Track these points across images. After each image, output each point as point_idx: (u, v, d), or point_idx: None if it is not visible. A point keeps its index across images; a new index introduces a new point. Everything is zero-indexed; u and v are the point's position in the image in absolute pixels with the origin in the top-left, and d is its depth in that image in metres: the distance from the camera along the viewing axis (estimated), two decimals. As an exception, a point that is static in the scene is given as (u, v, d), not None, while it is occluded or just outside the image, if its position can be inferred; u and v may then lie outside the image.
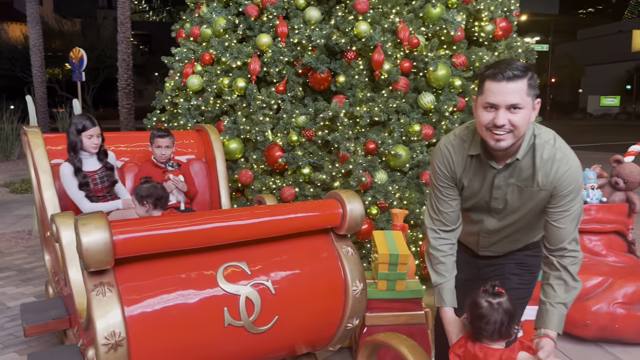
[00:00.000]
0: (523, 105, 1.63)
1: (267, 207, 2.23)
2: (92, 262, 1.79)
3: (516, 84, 1.62)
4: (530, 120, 1.68)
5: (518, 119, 1.64)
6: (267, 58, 4.25)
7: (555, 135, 1.80)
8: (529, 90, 1.64)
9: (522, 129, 1.67)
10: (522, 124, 1.65)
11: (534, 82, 1.66)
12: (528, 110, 1.65)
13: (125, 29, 15.03)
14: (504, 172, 1.80)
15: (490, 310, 1.66)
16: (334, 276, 2.28)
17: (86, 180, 3.18)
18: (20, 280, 4.24)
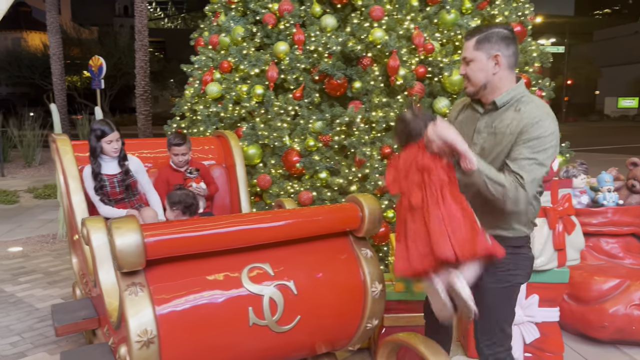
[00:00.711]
0: (471, 58, 1.99)
1: (289, 210, 2.32)
2: (125, 263, 1.89)
3: (468, 42, 2.00)
4: (486, 71, 1.97)
5: (469, 69, 2.01)
6: (284, 65, 4.35)
7: (544, 106, 1.98)
8: (478, 45, 1.97)
9: (476, 78, 2.00)
10: (473, 74, 2.00)
11: (484, 38, 1.97)
12: (479, 62, 1.98)
13: (143, 36, 15.30)
14: (486, 117, 2.06)
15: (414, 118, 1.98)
16: (354, 277, 2.36)
17: (101, 184, 3.28)
18: (47, 283, 4.38)
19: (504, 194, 1.87)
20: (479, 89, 2.01)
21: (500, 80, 1.98)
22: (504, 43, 1.96)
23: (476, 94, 2.04)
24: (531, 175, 1.88)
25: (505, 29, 2.00)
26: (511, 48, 1.98)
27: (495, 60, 1.96)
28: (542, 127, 1.90)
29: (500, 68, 1.97)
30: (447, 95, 4.27)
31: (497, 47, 1.95)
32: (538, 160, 1.89)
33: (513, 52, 1.99)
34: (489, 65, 1.96)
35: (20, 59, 32.08)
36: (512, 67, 2.01)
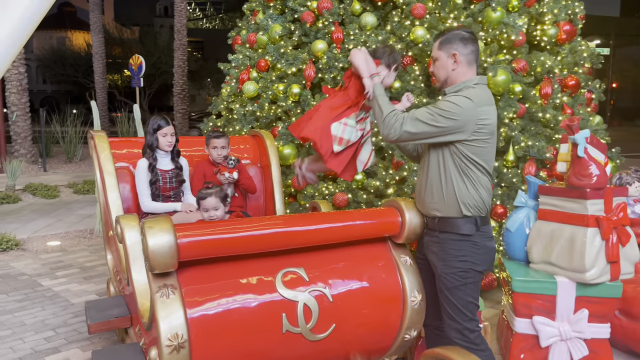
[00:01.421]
0: (435, 57, 2.27)
1: (325, 214, 2.23)
2: (157, 264, 1.83)
3: (435, 43, 2.29)
4: (446, 68, 2.23)
5: (434, 67, 2.30)
6: (322, 64, 4.27)
7: (475, 95, 2.13)
8: (440, 45, 2.25)
9: (439, 75, 2.28)
10: (436, 71, 2.29)
11: (445, 40, 2.23)
12: (440, 60, 2.25)
13: (181, 36, 15.53)
14: None
15: None
16: (392, 286, 2.25)
17: (157, 178, 3.34)
18: (82, 278, 4.42)
19: (381, 119, 2.19)
20: (442, 84, 2.29)
21: (458, 75, 2.23)
22: (462, 43, 2.20)
23: (440, 88, 2.32)
24: (417, 120, 2.13)
25: (465, 31, 2.25)
26: (469, 47, 2.21)
27: (454, 59, 2.20)
28: (454, 99, 2.12)
29: (458, 65, 2.21)
30: (490, 97, 4.10)
31: (456, 46, 2.20)
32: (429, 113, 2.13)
33: (471, 51, 2.22)
34: (448, 62, 2.22)
35: (64, 58, 33.12)
36: (472, 64, 2.24)
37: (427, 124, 2.10)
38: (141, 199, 3.35)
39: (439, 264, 2.20)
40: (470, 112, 2.08)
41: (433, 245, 2.24)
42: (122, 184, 3.41)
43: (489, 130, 2.14)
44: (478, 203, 2.18)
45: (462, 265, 2.16)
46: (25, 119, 11.74)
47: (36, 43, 38.49)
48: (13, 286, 4.19)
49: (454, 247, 2.18)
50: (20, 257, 5.04)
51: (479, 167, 2.18)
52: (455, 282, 2.17)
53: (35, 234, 5.93)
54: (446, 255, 2.18)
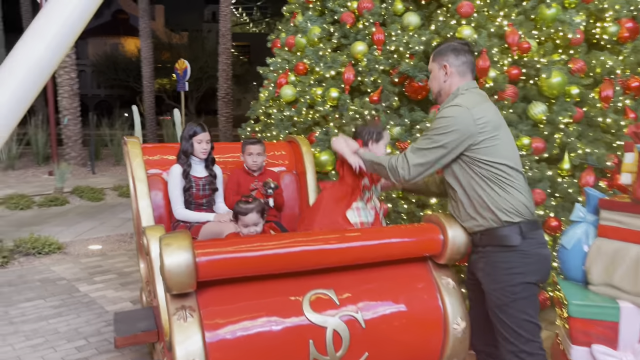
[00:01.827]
0: (429, 69, 2.30)
1: (358, 230, 2.05)
2: (174, 285, 1.70)
3: (431, 57, 2.29)
4: (438, 79, 2.22)
5: (429, 81, 2.32)
6: (361, 67, 4.08)
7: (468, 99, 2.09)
8: (433, 57, 2.26)
9: (432, 86, 2.29)
10: (430, 83, 2.31)
11: (437, 52, 2.24)
12: (433, 73, 2.26)
13: (226, 40, 15.69)
14: None
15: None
16: (432, 311, 2.04)
17: (190, 184, 3.26)
18: (119, 284, 4.41)
19: (388, 169, 2.15)
20: (436, 96, 2.27)
21: (450, 87, 2.19)
22: (454, 54, 2.17)
23: (436, 100, 2.30)
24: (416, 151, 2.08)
25: (459, 42, 2.21)
26: (461, 58, 2.17)
27: (445, 70, 2.18)
28: (444, 112, 2.07)
29: (449, 76, 2.18)
30: (544, 100, 3.80)
31: (447, 57, 2.18)
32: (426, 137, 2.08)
33: (463, 62, 2.16)
34: (440, 74, 2.20)
35: (116, 63, 34.34)
36: (465, 75, 2.18)
37: (430, 149, 2.04)
38: (174, 206, 3.27)
39: (486, 280, 2.02)
40: (465, 117, 2.02)
41: (479, 262, 2.05)
42: (154, 191, 3.34)
43: (491, 127, 2.04)
44: (515, 206, 1.99)
45: (510, 278, 1.96)
46: (76, 122, 12.12)
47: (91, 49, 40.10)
48: (51, 291, 4.22)
49: (499, 259, 1.98)
50: (61, 260, 5.10)
51: (499, 167, 2.02)
52: (504, 299, 1.95)
53: (78, 237, 6.01)
54: (492, 269, 2.00)
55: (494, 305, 1.99)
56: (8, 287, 4.30)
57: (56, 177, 8.55)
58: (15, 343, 3.27)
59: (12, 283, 4.39)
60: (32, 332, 3.44)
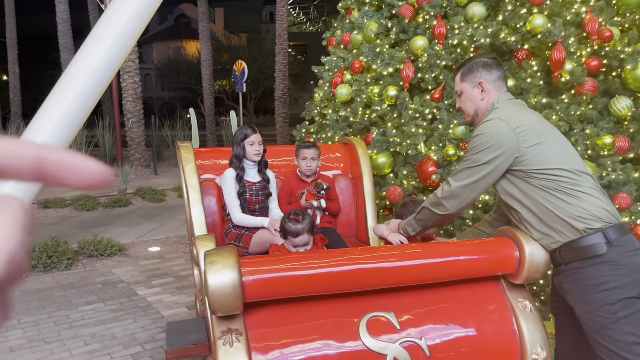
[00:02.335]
0: (460, 91, 2.12)
1: (421, 246, 1.84)
2: (220, 307, 1.57)
3: (456, 77, 2.16)
4: (474, 100, 2.06)
5: (461, 102, 2.13)
6: (422, 63, 3.84)
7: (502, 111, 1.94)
8: (462, 77, 2.09)
9: (467, 109, 2.10)
10: (464, 106, 2.11)
11: (467, 70, 2.07)
12: (467, 93, 2.08)
13: (283, 40, 15.73)
14: None
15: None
16: (507, 337, 1.80)
17: (244, 189, 3.16)
18: (176, 288, 4.40)
19: (430, 206, 2.02)
20: (472, 118, 2.10)
21: (487, 104, 2.04)
22: (486, 70, 2.04)
23: (473, 122, 2.12)
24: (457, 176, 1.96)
25: (487, 57, 2.08)
26: (494, 73, 2.04)
27: (481, 87, 2.04)
28: (480, 130, 1.93)
29: (487, 93, 2.03)
30: (629, 94, 3.41)
31: (480, 74, 2.04)
32: (465, 160, 1.95)
33: (497, 77, 2.04)
34: (475, 93, 2.06)
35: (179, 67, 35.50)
36: (501, 89, 2.05)
37: (472, 168, 1.91)
38: (231, 211, 3.17)
39: (577, 303, 1.75)
40: (503, 130, 1.87)
41: (566, 283, 1.79)
42: (207, 197, 3.27)
43: (534, 134, 1.86)
44: (591, 211, 1.74)
45: (605, 296, 1.67)
46: (140, 125, 12.53)
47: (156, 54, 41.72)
48: (111, 294, 4.27)
49: (589, 276, 1.71)
50: (122, 263, 5.18)
51: (558, 173, 1.80)
52: (602, 321, 1.67)
53: (139, 239, 6.12)
54: (582, 289, 1.72)
55: (592, 330, 1.71)
56: (71, 289, 4.40)
57: (120, 178, 8.82)
58: (74, 349, 3.30)
59: (74, 286, 4.49)
60: (91, 337, 3.47)
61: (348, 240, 3.34)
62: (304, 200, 3.18)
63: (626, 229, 1.77)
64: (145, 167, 12.55)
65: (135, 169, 12.05)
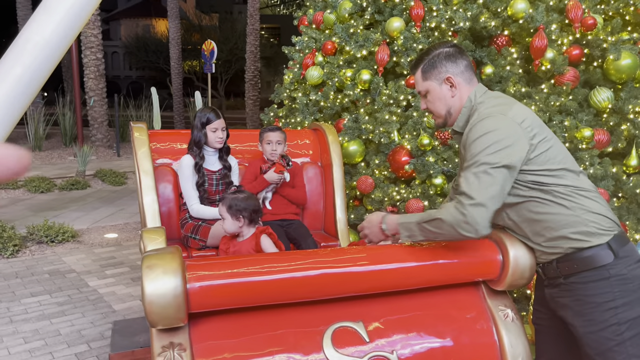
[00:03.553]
0: (424, 90, 1.83)
1: (395, 248, 1.64)
2: (158, 319, 1.34)
3: (415, 75, 1.84)
4: (443, 98, 1.78)
5: (428, 102, 1.84)
6: (397, 46, 3.62)
7: (495, 105, 1.69)
8: (424, 75, 1.80)
9: (436, 109, 1.82)
10: (433, 106, 1.82)
11: (429, 66, 1.78)
12: (434, 92, 1.79)
13: (254, 21, 15.29)
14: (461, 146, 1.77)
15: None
16: (486, 350, 1.63)
17: (204, 179, 2.90)
18: (131, 279, 4.12)
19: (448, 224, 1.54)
20: (445, 118, 1.83)
21: (461, 100, 1.79)
22: (450, 61, 1.78)
23: (446, 123, 1.84)
24: (475, 185, 1.54)
25: (447, 46, 1.80)
26: (460, 63, 1.79)
27: (449, 83, 1.78)
28: (481, 129, 1.61)
29: (458, 89, 1.78)
30: (609, 85, 3.29)
31: (445, 68, 1.78)
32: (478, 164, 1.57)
33: (465, 66, 1.79)
34: (443, 91, 1.79)
35: (147, 45, 34.39)
36: (471, 80, 1.80)
37: (495, 169, 1.54)
38: (189, 202, 2.91)
39: (578, 322, 1.56)
40: (510, 125, 1.60)
41: (562, 298, 1.60)
42: (162, 184, 3.00)
43: (537, 128, 1.63)
44: (596, 220, 1.56)
45: (611, 315, 1.51)
46: (102, 104, 11.97)
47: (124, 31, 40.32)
48: (59, 285, 3.96)
49: (593, 293, 1.53)
50: (74, 250, 4.85)
51: (560, 175, 1.59)
52: (607, 343, 1.51)
53: (95, 225, 5.78)
54: (584, 308, 1.54)
55: (594, 352, 1.53)
56: (15, 279, 4.06)
57: (78, 159, 8.38)
58: (12, 346, 3.00)
59: (19, 275, 4.16)
60: (32, 333, 3.17)
61: (315, 232, 3.14)
62: (272, 172, 2.93)
63: (626, 237, 1.60)
64: (108, 148, 12.04)
65: (96, 149, 11.54)
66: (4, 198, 6.95)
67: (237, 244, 2.33)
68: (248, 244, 2.30)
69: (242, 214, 2.27)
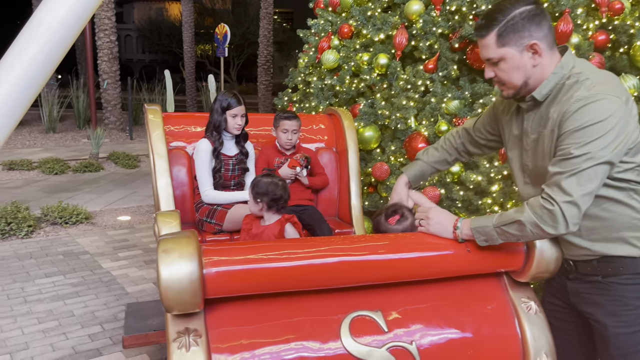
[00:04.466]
0: (497, 57, 1.54)
1: (413, 235, 1.59)
2: (174, 304, 1.31)
3: (485, 39, 1.55)
4: (523, 67, 1.52)
5: (499, 71, 1.57)
6: (416, 29, 3.54)
7: (603, 82, 1.43)
8: (501, 40, 1.51)
9: (511, 79, 1.56)
10: (507, 76, 1.56)
11: (508, 29, 1.49)
12: (512, 61, 1.52)
13: (268, 4, 15.16)
14: (532, 115, 1.60)
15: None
16: (508, 342, 1.58)
17: (220, 165, 2.88)
18: (144, 262, 4.13)
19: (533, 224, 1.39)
20: (519, 89, 1.57)
21: (542, 70, 1.53)
22: (535, 24, 1.48)
23: (517, 94, 1.59)
24: (573, 180, 1.36)
25: (527, 4, 1.49)
26: (544, 26, 1.50)
27: (533, 50, 1.50)
28: (592, 113, 1.38)
29: (542, 56, 1.51)
30: (635, 72, 3.18)
31: (529, 33, 1.49)
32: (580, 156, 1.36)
33: (548, 29, 1.51)
34: (524, 59, 1.52)
35: (160, 28, 34.37)
36: (552, 46, 1.53)
37: (597, 166, 1.35)
38: (202, 187, 2.88)
39: (610, 321, 1.49)
40: (620, 111, 1.38)
41: (593, 295, 1.53)
42: (176, 167, 2.98)
43: (633, 110, 1.45)
44: None
45: None
46: (115, 87, 11.98)
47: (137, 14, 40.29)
48: (73, 266, 3.98)
49: (632, 295, 1.47)
50: (88, 232, 4.87)
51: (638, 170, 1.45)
52: (636, 346, 1.47)
53: (108, 207, 5.80)
54: (621, 309, 1.48)
55: (619, 353, 1.48)
56: (29, 259, 4.09)
57: (91, 142, 8.40)
58: (26, 326, 3.02)
59: (33, 255, 4.18)
60: (46, 313, 3.19)
61: (329, 218, 3.10)
62: (286, 167, 2.91)
63: None
64: (121, 131, 12.07)
65: (110, 132, 11.58)
66: (18, 179, 7.00)
67: (260, 227, 2.33)
68: (272, 229, 2.30)
69: (260, 198, 2.28)
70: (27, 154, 8.65)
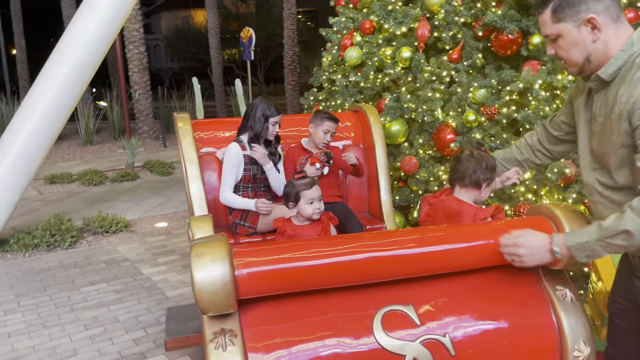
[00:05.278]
0: (554, 34, 1.51)
1: (443, 228, 1.59)
2: (209, 306, 1.35)
3: (542, 15, 1.53)
4: (582, 43, 1.46)
5: (558, 48, 1.53)
6: (438, 20, 3.51)
7: None
8: (556, 15, 1.48)
9: (571, 56, 1.50)
10: (566, 54, 1.51)
11: (564, 4, 1.45)
12: (570, 37, 1.48)
13: (291, 5, 15.22)
14: (601, 96, 1.50)
15: (467, 157, 2.02)
16: (544, 332, 1.56)
17: (258, 171, 2.94)
18: (182, 266, 4.23)
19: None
20: (582, 66, 1.51)
21: (606, 45, 1.45)
22: None
23: (582, 72, 1.53)
24: None
25: None
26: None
27: (591, 25, 1.44)
28: None
29: (602, 31, 1.44)
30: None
31: (586, 6, 1.43)
32: None
33: (610, 1, 1.43)
34: (583, 34, 1.46)
35: (187, 36, 34.97)
36: (617, 19, 1.44)
37: None
38: (222, 187, 2.94)
39: None
40: None
41: None
42: (207, 172, 3.05)
43: None
44: None
45: None
46: (147, 97, 12.26)
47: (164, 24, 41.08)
48: (115, 274, 4.11)
49: None
50: (127, 240, 5.02)
51: None
52: None
53: (145, 214, 5.96)
54: None
55: None
56: (74, 269, 4.25)
57: (127, 152, 8.63)
58: (74, 333, 3.14)
59: (78, 265, 4.34)
60: (92, 320, 3.31)
61: (359, 215, 3.11)
62: (309, 165, 2.94)
63: None
64: (154, 139, 12.35)
65: (144, 141, 11.86)
66: (60, 192, 7.26)
67: (296, 227, 2.34)
68: (313, 228, 2.31)
69: (287, 203, 2.32)
70: (67, 167, 8.96)
